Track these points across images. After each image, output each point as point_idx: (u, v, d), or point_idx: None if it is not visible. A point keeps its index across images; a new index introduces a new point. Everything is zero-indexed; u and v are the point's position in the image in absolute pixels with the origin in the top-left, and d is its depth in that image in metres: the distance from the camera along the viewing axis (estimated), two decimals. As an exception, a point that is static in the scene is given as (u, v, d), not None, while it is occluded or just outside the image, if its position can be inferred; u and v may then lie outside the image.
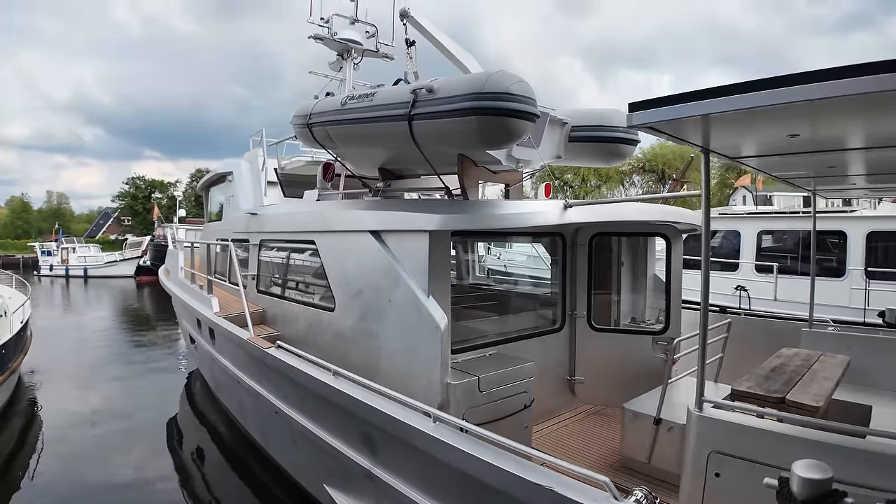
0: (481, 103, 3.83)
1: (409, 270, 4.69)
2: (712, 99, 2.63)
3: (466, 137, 4.16)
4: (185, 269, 9.77)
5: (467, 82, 3.97)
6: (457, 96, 3.97)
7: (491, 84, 3.85)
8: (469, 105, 3.87)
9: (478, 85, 3.87)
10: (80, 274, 41.41)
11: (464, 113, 3.91)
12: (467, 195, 4.81)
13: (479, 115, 3.86)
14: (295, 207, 7.03)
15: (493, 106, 3.83)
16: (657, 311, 6.84)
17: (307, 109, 5.65)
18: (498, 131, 3.95)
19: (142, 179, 76.88)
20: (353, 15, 10.82)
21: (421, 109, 4.22)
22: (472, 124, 3.93)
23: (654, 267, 7.09)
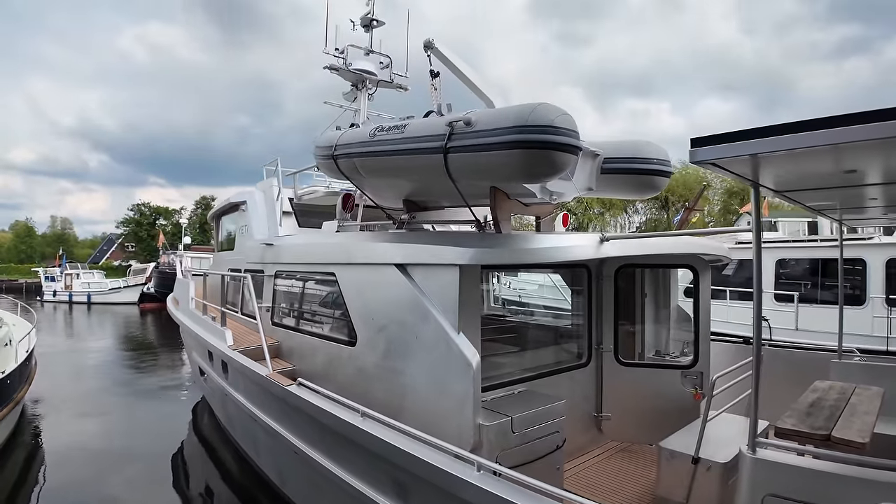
0: (526, 136, 3.74)
1: (437, 305, 4.53)
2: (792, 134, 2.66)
3: (508, 170, 4.06)
4: (197, 299, 9.63)
5: (510, 115, 3.87)
6: (499, 129, 3.87)
7: (535, 117, 3.75)
8: (513, 138, 3.78)
9: (521, 118, 3.77)
10: (83, 300, 41.28)
11: (507, 146, 3.81)
12: (500, 228, 4.69)
13: (524, 148, 3.76)
14: (313, 238, 6.91)
15: (537, 139, 3.74)
16: (681, 343, 6.66)
17: (332, 140, 5.56)
18: (542, 164, 3.86)
19: (146, 206, 77.09)
20: (368, 46, 10.92)
21: (458, 142, 4.12)
22: (515, 157, 3.84)
23: (677, 298, 6.94)
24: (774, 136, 2.77)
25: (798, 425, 3.74)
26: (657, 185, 5.57)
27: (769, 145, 2.79)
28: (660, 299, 6.89)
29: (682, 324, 6.74)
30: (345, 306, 5.70)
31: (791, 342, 10.37)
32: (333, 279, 5.96)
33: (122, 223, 77.76)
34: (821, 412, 4.11)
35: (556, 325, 7.86)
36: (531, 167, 3.90)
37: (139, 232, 74.56)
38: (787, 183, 3.76)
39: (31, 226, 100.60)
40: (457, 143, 4.10)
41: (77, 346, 22.99)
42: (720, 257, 6.41)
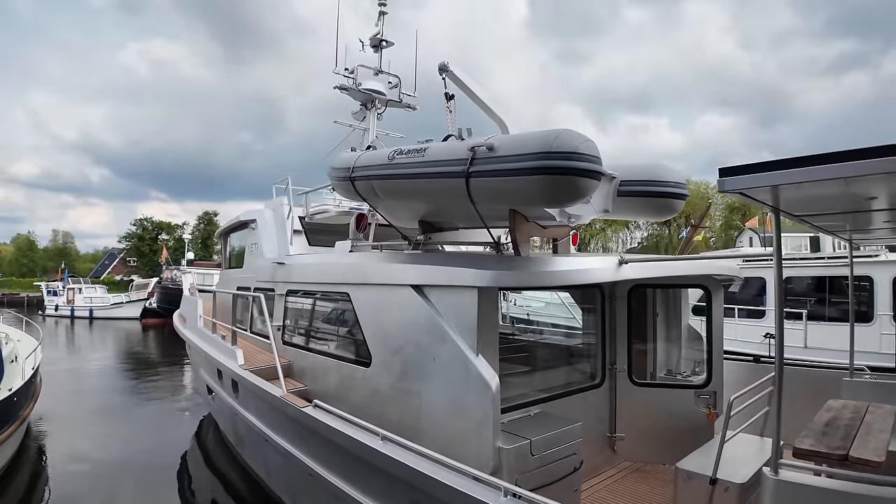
0: (550, 162, 3.78)
1: (455, 327, 4.53)
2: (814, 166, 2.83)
3: (532, 195, 4.09)
4: (205, 317, 9.63)
5: (533, 141, 3.91)
6: (522, 155, 3.91)
7: (559, 143, 3.79)
8: (537, 164, 3.81)
9: (546, 144, 3.81)
10: (85, 315, 41.23)
11: (531, 172, 3.85)
12: (519, 250, 4.73)
13: (548, 174, 3.80)
14: (326, 258, 6.94)
15: (562, 165, 3.77)
16: (693, 362, 6.68)
17: (349, 162, 5.61)
18: (566, 190, 3.89)
19: (149, 221, 77.34)
20: (378, 66, 11.04)
21: (480, 167, 4.16)
22: (539, 183, 3.88)
23: (688, 317, 6.97)
24: (795, 168, 2.96)
25: (816, 445, 3.80)
26: (674, 208, 5.62)
27: (790, 177, 2.99)
28: (671, 318, 6.91)
29: (693, 343, 6.75)
30: (359, 327, 5.71)
31: (801, 360, 10.37)
32: (347, 299, 5.97)
33: (124, 238, 78.05)
34: (836, 431, 4.17)
35: (567, 344, 7.87)
36: (555, 192, 3.94)
37: (141, 247, 74.76)
38: (804, 208, 3.90)
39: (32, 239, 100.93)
40: (479, 168, 4.14)
41: (80, 361, 22.92)
42: (732, 277, 6.42)
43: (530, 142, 3.92)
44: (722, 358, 6.28)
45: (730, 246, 43.42)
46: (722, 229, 57.97)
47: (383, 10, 11.18)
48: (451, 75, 6.28)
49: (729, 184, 3.15)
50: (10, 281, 77.05)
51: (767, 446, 4.91)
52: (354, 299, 5.83)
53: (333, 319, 6.67)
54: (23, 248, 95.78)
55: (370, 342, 5.50)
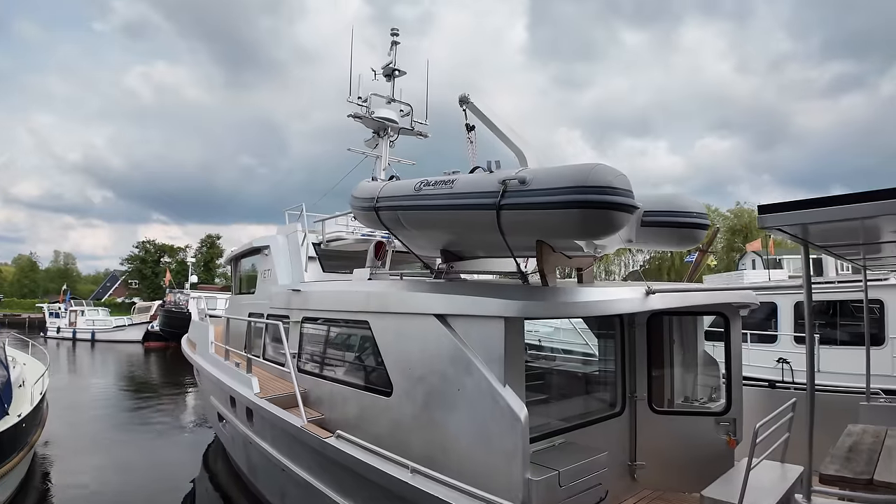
0: (586, 196, 3.80)
1: (481, 357, 4.52)
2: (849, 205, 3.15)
3: (566, 229, 4.11)
4: (217, 343, 9.62)
5: (567, 175, 3.94)
6: (556, 189, 3.93)
7: (594, 178, 3.83)
8: (572, 198, 3.84)
9: (580, 178, 3.85)
10: (87, 337, 41.16)
11: (566, 205, 3.87)
12: (546, 281, 4.77)
13: (584, 208, 3.82)
14: (344, 286, 6.94)
15: (597, 199, 3.79)
16: (709, 388, 6.67)
17: (373, 192, 5.65)
18: (602, 224, 3.91)
19: (151, 243, 77.32)
20: (390, 94, 11.21)
21: (512, 200, 4.18)
22: (574, 217, 3.89)
23: (703, 343, 6.98)
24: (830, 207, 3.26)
25: (841, 471, 3.90)
26: (696, 238, 5.69)
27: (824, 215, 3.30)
28: (687, 344, 6.91)
29: (709, 369, 6.75)
30: (379, 355, 5.70)
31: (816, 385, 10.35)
32: (367, 328, 5.97)
33: (126, 260, 77.87)
34: (859, 456, 4.28)
35: (583, 371, 7.85)
36: (590, 226, 3.96)
37: (143, 269, 74.69)
38: (827, 239, 4.15)
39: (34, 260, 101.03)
40: (511, 201, 4.18)
41: (83, 385, 22.82)
42: (749, 303, 6.46)
43: (564, 175, 3.96)
44: (741, 384, 6.28)
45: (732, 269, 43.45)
46: (724, 251, 58.06)
47: (396, 41, 11.41)
48: (472, 107, 6.38)
49: (770, 220, 3.39)
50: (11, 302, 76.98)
51: (790, 472, 4.91)
52: (374, 328, 5.84)
53: (352, 348, 6.66)
54: (24, 268, 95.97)
55: (391, 371, 5.49)
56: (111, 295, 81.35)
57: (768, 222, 3.43)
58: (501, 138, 6.66)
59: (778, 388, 8.51)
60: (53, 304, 52.95)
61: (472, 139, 6.55)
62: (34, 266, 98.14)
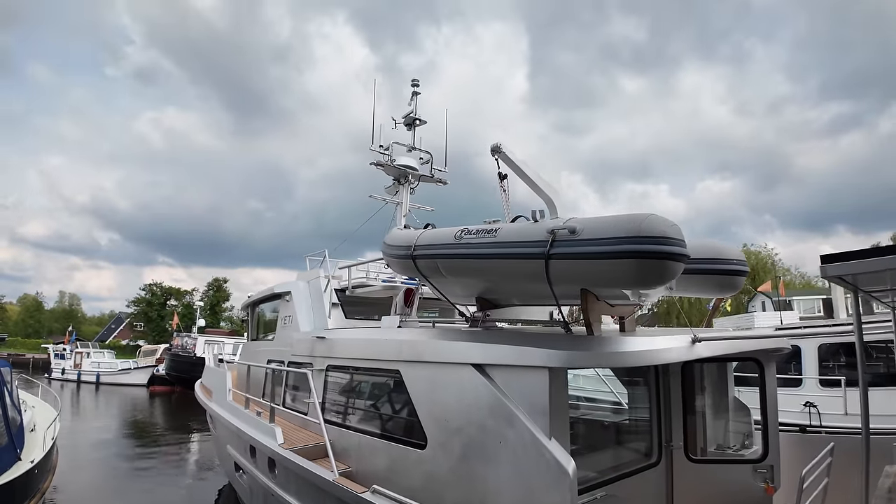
0: (641, 247, 3.83)
1: (524, 409, 4.43)
2: None
3: (619, 278, 4.12)
4: (235, 391, 9.50)
5: (620, 225, 3.99)
6: (609, 238, 3.96)
7: (648, 228, 3.87)
8: (627, 248, 3.87)
9: (634, 228, 3.88)
10: (92, 380, 40.84)
11: (620, 255, 3.90)
12: (592, 330, 4.75)
13: (639, 258, 3.85)
14: (373, 333, 6.89)
15: (653, 250, 3.82)
16: (741, 435, 6.58)
17: (409, 240, 5.66)
18: (656, 273, 3.92)
19: (158, 286, 77.21)
20: (411, 143, 11.43)
21: (561, 249, 4.20)
22: (629, 266, 3.91)
23: (733, 389, 6.90)
24: None
25: None
26: (737, 285, 5.72)
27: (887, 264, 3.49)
28: (718, 391, 6.84)
29: (740, 415, 6.67)
30: (411, 406, 5.60)
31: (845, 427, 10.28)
32: (398, 377, 5.90)
33: (132, 302, 77.66)
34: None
35: (612, 420, 7.71)
36: (645, 276, 3.97)
37: (149, 312, 74.36)
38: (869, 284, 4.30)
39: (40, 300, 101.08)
40: (560, 251, 4.19)
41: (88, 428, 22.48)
42: (782, 348, 6.44)
43: (617, 226, 3.99)
44: (777, 431, 6.18)
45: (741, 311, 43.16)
46: (733, 294, 57.65)
47: (416, 91, 11.71)
48: (503, 155, 6.49)
49: (830, 270, 3.60)
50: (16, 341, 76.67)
51: None
52: (406, 377, 5.76)
53: (381, 397, 6.55)
54: (30, 308, 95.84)
55: (425, 422, 5.39)
56: (115, 337, 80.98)
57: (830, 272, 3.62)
58: (532, 186, 6.71)
59: (809, 432, 8.41)
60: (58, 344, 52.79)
61: (504, 188, 6.63)
62: (39, 306, 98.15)
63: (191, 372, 33.86)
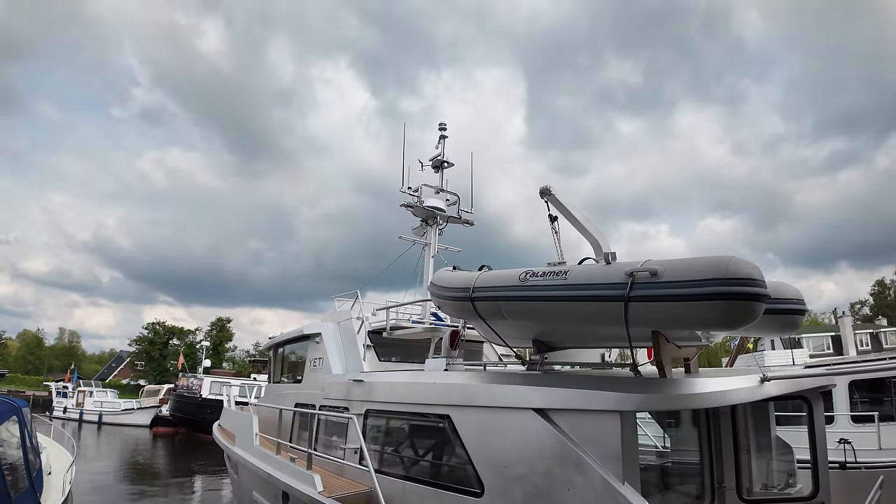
0: (728, 288, 3.83)
1: (594, 454, 4.33)
2: None
3: (704, 320, 4.09)
4: (264, 435, 9.26)
5: (706, 267, 3.97)
6: (694, 281, 3.95)
7: (734, 269, 3.87)
8: (713, 290, 3.86)
9: (721, 270, 3.88)
10: (94, 419, 40.22)
11: (706, 297, 3.89)
12: (665, 372, 4.66)
13: (726, 299, 3.84)
14: (418, 377, 6.74)
15: (739, 291, 3.82)
16: (785, 474, 6.46)
17: (467, 282, 5.55)
18: (743, 315, 3.90)
19: (161, 325, 76.41)
20: (439, 185, 11.52)
21: (642, 292, 4.16)
22: (715, 308, 3.90)
23: (775, 428, 6.80)
24: None
25: None
26: (797, 324, 5.66)
27: None
28: (763, 430, 6.70)
29: (783, 453, 6.55)
30: (464, 452, 5.44)
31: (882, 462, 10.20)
32: (447, 422, 5.76)
33: (135, 341, 76.75)
34: None
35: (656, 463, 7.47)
36: (731, 317, 3.94)
37: (152, 351, 73.44)
38: None
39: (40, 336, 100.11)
40: (641, 293, 4.15)
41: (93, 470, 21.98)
42: (828, 385, 6.42)
43: (700, 268, 3.98)
44: (828, 468, 6.05)
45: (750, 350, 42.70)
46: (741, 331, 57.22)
47: (444, 135, 11.88)
48: (552, 198, 6.50)
49: None
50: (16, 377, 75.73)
51: None
52: (458, 422, 5.61)
53: (428, 443, 6.38)
54: (30, 344, 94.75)
55: (481, 469, 5.22)
56: (116, 375, 79.97)
57: None
58: (578, 228, 6.72)
59: (849, 468, 8.38)
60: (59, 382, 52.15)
61: (556, 229, 6.61)
62: (40, 342, 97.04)
63: (196, 413, 33.36)
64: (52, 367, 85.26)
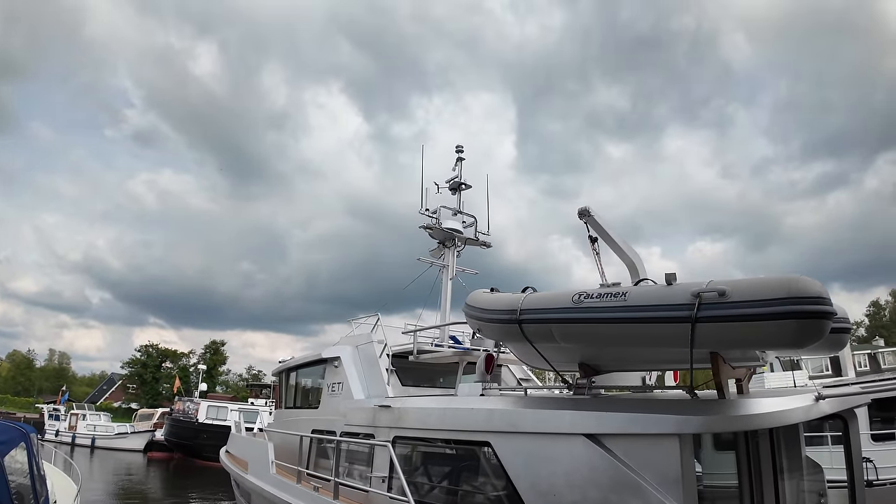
0: (802, 307, 3.80)
1: (653, 479, 4.20)
2: None
3: (776, 340, 4.06)
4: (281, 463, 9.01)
5: (775, 287, 3.94)
6: (765, 300, 3.90)
7: (804, 288, 3.85)
8: (786, 309, 3.82)
9: (792, 289, 3.86)
10: (87, 443, 39.51)
11: (778, 316, 3.85)
12: (723, 393, 4.57)
13: (799, 318, 3.81)
14: (454, 402, 6.54)
15: (812, 310, 3.81)
16: (816, 495, 6.40)
17: (513, 304, 5.36)
18: (816, 333, 3.89)
19: (154, 348, 75.13)
20: (456, 206, 11.48)
21: (711, 312, 4.08)
22: (788, 327, 3.86)
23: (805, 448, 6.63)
24: None
25: None
26: (843, 342, 5.60)
27: None
28: (795, 450, 6.56)
29: (814, 474, 6.47)
30: (507, 481, 5.26)
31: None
32: (487, 448, 5.59)
33: (127, 363, 75.35)
34: None
35: None
36: (803, 336, 3.92)
37: (144, 374, 72.10)
38: None
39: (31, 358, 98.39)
40: (709, 314, 4.08)
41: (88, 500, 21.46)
42: (862, 403, 6.41)
43: (770, 287, 3.94)
44: (864, 487, 6.00)
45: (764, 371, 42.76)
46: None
47: (461, 157, 11.86)
48: (591, 220, 6.43)
49: None
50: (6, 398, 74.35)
51: None
52: (500, 449, 5.43)
53: (466, 471, 6.17)
54: (20, 365, 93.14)
55: (527, 498, 5.02)
56: (107, 398, 78.56)
57: None
58: (615, 250, 6.67)
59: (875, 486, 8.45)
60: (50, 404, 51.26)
61: (596, 250, 6.55)
62: (30, 363, 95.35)
63: (193, 439, 32.79)
64: (42, 389, 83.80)
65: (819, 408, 4.79)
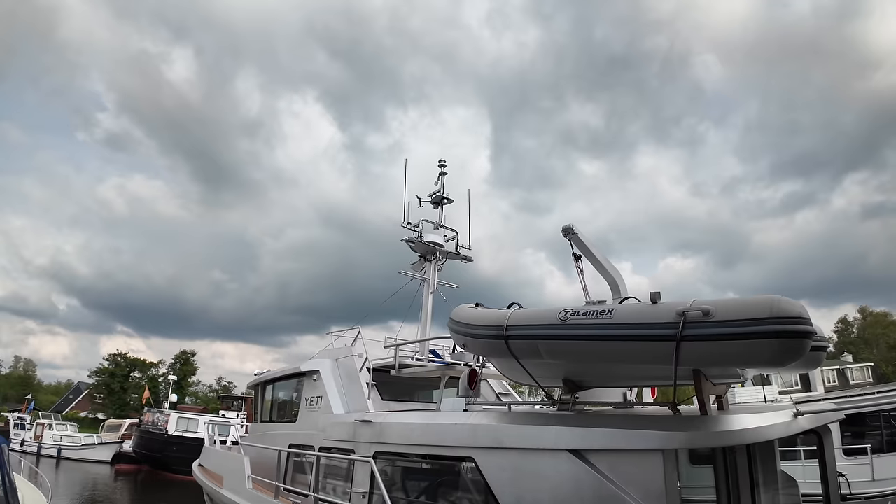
0: (783, 327, 3.86)
1: (636, 495, 4.25)
2: None
3: (755, 358, 4.11)
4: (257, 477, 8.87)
5: (757, 306, 4.00)
6: (748, 320, 3.97)
7: (786, 309, 3.91)
8: (768, 328, 3.89)
9: (773, 309, 3.93)
10: (52, 453, 38.40)
11: (760, 336, 3.92)
12: (706, 409, 4.63)
13: (780, 337, 3.88)
14: (436, 417, 6.53)
15: (793, 329, 3.87)
16: None
17: (499, 320, 5.32)
18: (796, 352, 3.94)
19: (122, 357, 73.36)
20: (438, 220, 11.55)
21: (694, 331, 4.13)
22: (769, 346, 3.93)
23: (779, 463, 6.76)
24: None
25: None
26: (820, 360, 5.69)
27: None
28: (771, 465, 6.67)
29: (789, 488, 6.56)
30: (491, 497, 5.25)
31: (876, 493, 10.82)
32: (471, 464, 5.59)
33: (94, 372, 73.18)
34: None
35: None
36: (784, 355, 3.99)
37: (112, 384, 70.19)
38: None
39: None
40: (693, 332, 4.14)
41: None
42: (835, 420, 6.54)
43: (752, 307, 4.01)
44: (839, 501, 6.16)
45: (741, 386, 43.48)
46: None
47: (444, 171, 11.96)
48: (575, 238, 6.49)
49: None
50: (-32, 406, 71.80)
51: None
52: (483, 465, 5.43)
53: (448, 487, 6.15)
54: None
55: None
56: (73, 408, 76.50)
57: None
58: (598, 268, 6.74)
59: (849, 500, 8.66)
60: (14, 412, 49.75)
61: (580, 267, 6.61)
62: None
63: (162, 451, 32.11)
64: (6, 397, 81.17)
65: (798, 423, 4.90)
